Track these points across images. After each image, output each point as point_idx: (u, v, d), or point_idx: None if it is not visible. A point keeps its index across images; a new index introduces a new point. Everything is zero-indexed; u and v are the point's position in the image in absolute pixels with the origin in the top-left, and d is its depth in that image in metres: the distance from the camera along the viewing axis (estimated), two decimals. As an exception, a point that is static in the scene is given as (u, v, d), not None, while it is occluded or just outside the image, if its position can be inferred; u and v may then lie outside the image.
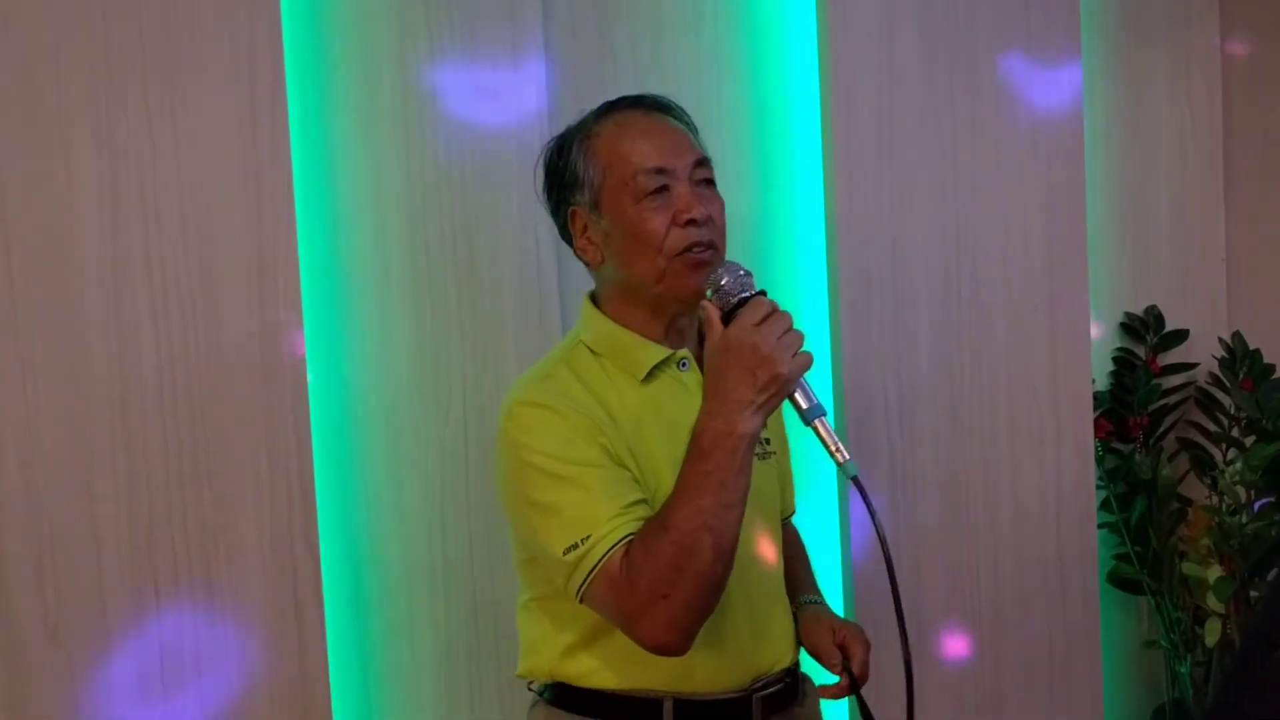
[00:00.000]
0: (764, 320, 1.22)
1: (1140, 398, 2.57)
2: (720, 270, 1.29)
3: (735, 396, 1.20)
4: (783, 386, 1.21)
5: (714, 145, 1.48)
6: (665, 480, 1.32)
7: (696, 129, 1.45)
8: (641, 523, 1.26)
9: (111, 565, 1.75)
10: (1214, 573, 2.42)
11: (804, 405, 1.24)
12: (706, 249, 1.35)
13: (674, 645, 1.25)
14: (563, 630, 1.39)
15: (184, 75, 1.77)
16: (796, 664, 1.49)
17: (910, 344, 2.22)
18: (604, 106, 1.44)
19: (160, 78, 1.75)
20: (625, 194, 1.35)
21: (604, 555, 1.25)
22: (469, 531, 2.00)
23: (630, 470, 1.33)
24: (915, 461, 2.24)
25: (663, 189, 1.35)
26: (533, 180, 1.42)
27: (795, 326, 1.23)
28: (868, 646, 1.45)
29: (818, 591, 1.60)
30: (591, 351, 1.41)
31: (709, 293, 1.28)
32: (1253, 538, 2.36)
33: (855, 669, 1.43)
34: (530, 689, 1.48)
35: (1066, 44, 2.32)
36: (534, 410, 1.32)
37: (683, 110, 1.45)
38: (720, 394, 1.21)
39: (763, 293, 1.27)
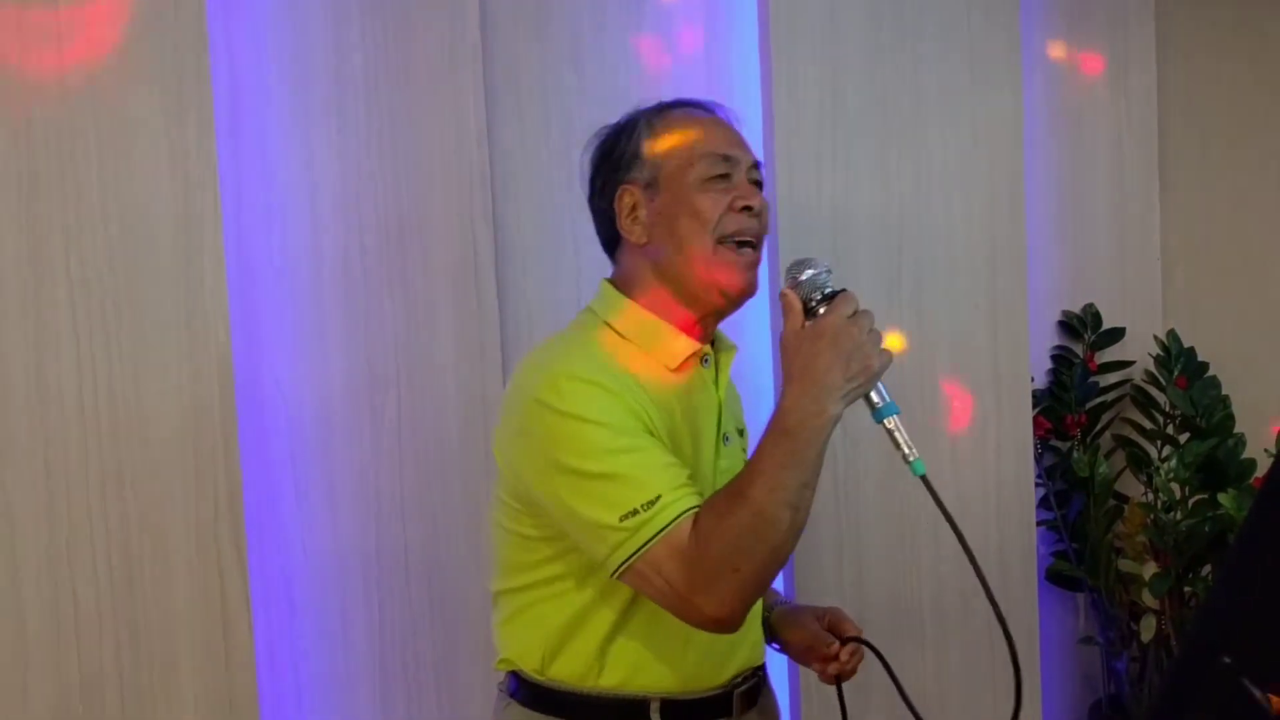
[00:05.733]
0: (855, 314, 1.25)
1: (1078, 395, 2.59)
2: (805, 261, 1.31)
3: (828, 381, 1.22)
4: (870, 379, 1.25)
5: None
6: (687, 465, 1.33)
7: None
8: (699, 498, 1.26)
9: (29, 572, 1.68)
10: (1149, 569, 2.44)
11: (878, 402, 1.28)
12: (752, 241, 1.39)
13: (734, 619, 1.24)
14: (550, 628, 1.37)
15: (102, 61, 1.70)
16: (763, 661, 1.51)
17: (852, 342, 2.21)
18: (661, 104, 1.46)
19: (77, 63, 1.69)
20: (688, 173, 1.37)
21: (671, 522, 1.22)
22: (404, 535, 1.95)
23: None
24: (856, 460, 2.23)
25: (724, 176, 1.38)
26: (472, 175, 1.39)
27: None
28: (858, 626, 1.46)
29: (779, 595, 1.62)
30: (620, 335, 1.39)
31: (790, 281, 1.30)
32: (1187, 534, 2.39)
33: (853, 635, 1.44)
34: (499, 688, 1.45)
35: (1006, 42, 2.32)
36: (583, 385, 1.28)
37: (736, 115, 1.49)
38: (811, 377, 1.23)
39: (845, 290, 1.29)
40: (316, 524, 1.93)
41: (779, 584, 1.67)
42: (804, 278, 1.29)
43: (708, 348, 1.43)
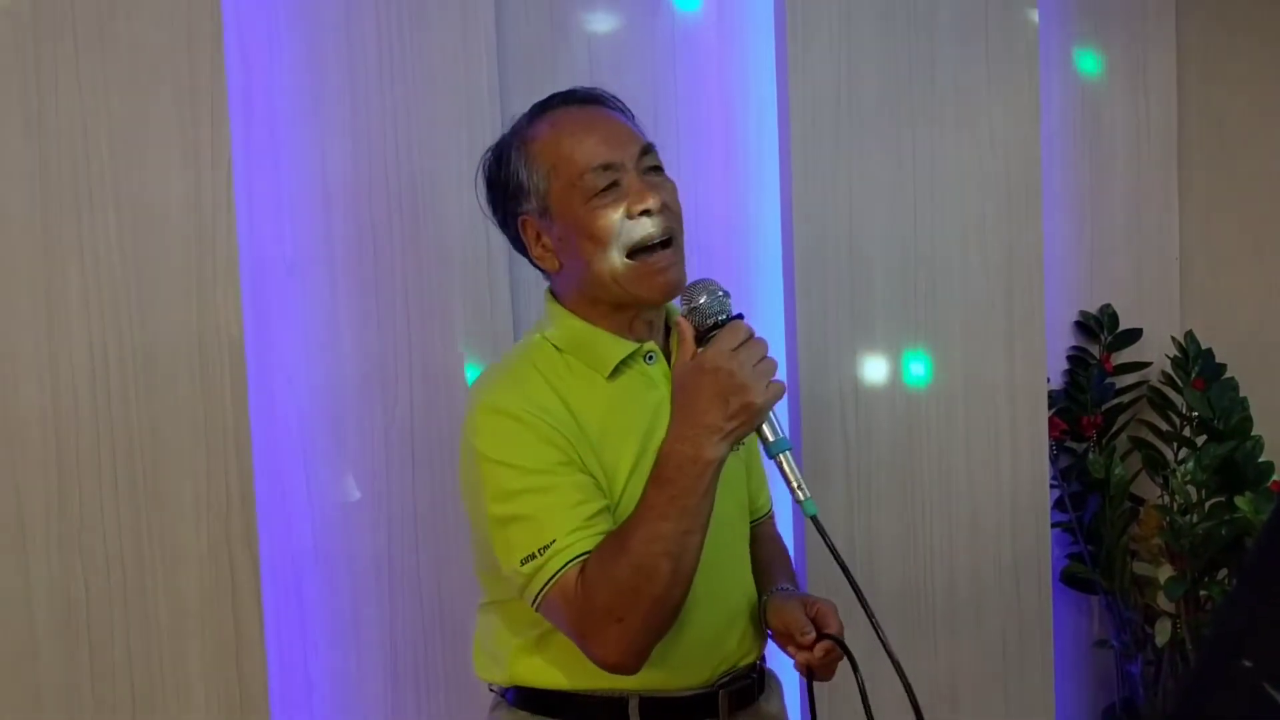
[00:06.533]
0: (740, 346, 1.20)
1: (1094, 397, 2.56)
2: (699, 287, 1.26)
3: (705, 421, 1.19)
4: (754, 416, 1.20)
5: (669, 143, 1.44)
6: (627, 480, 1.31)
7: (633, 114, 1.41)
8: (600, 538, 1.25)
9: (39, 564, 1.68)
10: (1165, 572, 2.42)
11: (770, 437, 1.23)
12: (663, 241, 1.32)
13: (626, 666, 1.24)
14: (521, 632, 1.37)
15: (118, 53, 1.70)
16: (763, 659, 1.48)
17: (867, 342, 2.20)
18: (534, 108, 1.39)
19: (92, 54, 1.69)
20: (574, 195, 1.31)
21: (559, 570, 1.23)
22: (416, 530, 1.95)
23: (593, 475, 1.30)
24: (871, 460, 2.22)
25: (612, 185, 1.31)
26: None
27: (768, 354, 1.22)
28: (842, 625, 1.40)
29: (793, 583, 1.56)
30: (556, 348, 1.37)
31: (684, 309, 1.26)
32: (1203, 537, 2.37)
33: (834, 632, 1.38)
34: (491, 689, 1.45)
35: (1024, 42, 2.30)
36: (497, 418, 1.28)
37: (616, 98, 1.41)
38: (690, 418, 1.20)
39: (740, 316, 1.25)
40: (328, 520, 1.92)
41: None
42: (700, 303, 1.25)
43: (651, 344, 1.38)
